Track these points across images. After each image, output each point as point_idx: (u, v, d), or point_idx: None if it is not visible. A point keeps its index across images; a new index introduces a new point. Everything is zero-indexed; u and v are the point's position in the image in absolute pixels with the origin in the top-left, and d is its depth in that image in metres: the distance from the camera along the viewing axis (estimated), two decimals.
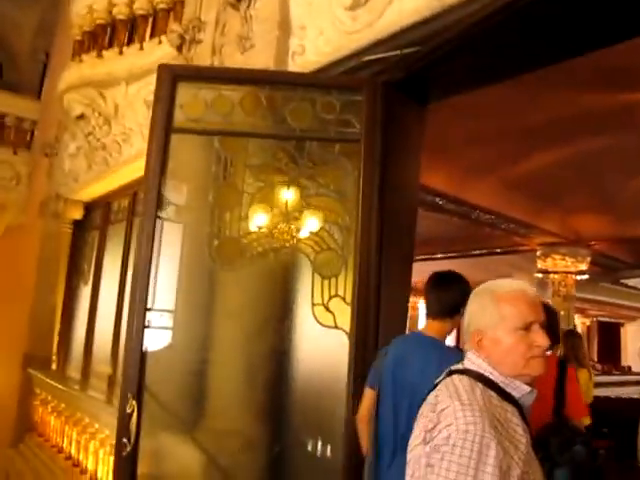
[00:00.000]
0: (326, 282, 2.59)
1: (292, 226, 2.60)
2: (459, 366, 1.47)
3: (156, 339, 2.63)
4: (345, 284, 2.58)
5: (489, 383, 1.38)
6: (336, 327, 2.56)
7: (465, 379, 1.38)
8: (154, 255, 2.54)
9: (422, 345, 2.31)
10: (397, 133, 2.80)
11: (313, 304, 2.58)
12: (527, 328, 1.41)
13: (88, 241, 6.17)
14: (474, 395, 1.32)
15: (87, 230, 6.25)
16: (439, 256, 10.00)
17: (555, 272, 8.37)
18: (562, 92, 4.32)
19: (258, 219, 2.59)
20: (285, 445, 2.82)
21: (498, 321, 1.42)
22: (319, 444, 2.81)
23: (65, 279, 6.30)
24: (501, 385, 1.39)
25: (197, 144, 2.76)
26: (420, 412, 1.41)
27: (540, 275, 8.73)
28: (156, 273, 2.50)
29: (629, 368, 18.21)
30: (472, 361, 1.44)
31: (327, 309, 2.57)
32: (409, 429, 1.48)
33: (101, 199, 5.91)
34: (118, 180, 5.15)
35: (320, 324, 2.56)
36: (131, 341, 2.45)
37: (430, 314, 2.39)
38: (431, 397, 1.40)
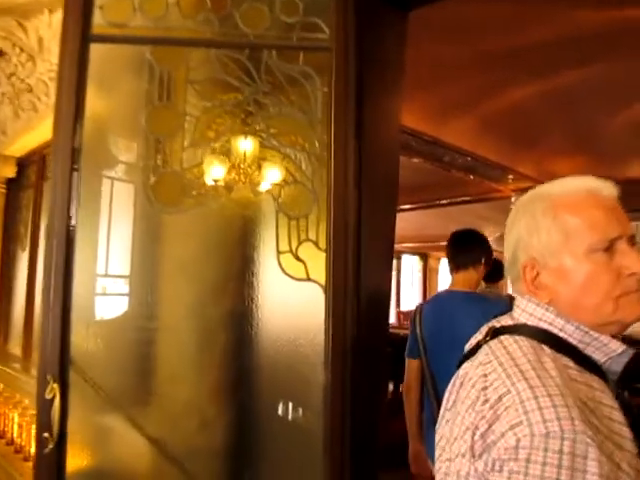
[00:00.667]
0: (294, 224, 2.08)
1: (248, 155, 2.07)
2: (506, 320, 0.94)
3: (85, 305, 2.11)
4: (317, 226, 2.08)
5: (560, 344, 0.86)
6: (308, 279, 2.07)
7: (523, 341, 0.86)
8: (72, 200, 2.00)
9: (460, 300, 2.36)
10: (375, 43, 2.28)
11: (279, 252, 2.08)
12: (609, 248, 0.90)
13: (23, 201, 5.50)
14: (544, 368, 0.80)
15: (22, 189, 5.58)
16: (406, 207, 9.55)
17: None
18: (548, 8, 3.84)
19: (205, 148, 2.05)
20: (253, 420, 2.35)
21: (561, 242, 0.91)
22: (293, 416, 2.35)
23: (1, 245, 5.64)
24: (579, 346, 0.86)
25: (123, 56, 2.18)
26: (452, 396, 0.92)
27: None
28: (69, 221, 1.95)
29: None
30: (528, 311, 0.92)
31: (296, 257, 2.08)
32: None
33: (34, 152, 5.23)
34: (50, 128, 4.49)
35: (288, 276, 2.07)
36: (47, 310, 1.92)
37: (454, 267, 2.54)
38: (472, 373, 0.88)
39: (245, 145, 2.07)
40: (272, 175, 2.08)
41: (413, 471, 2.62)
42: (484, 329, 0.97)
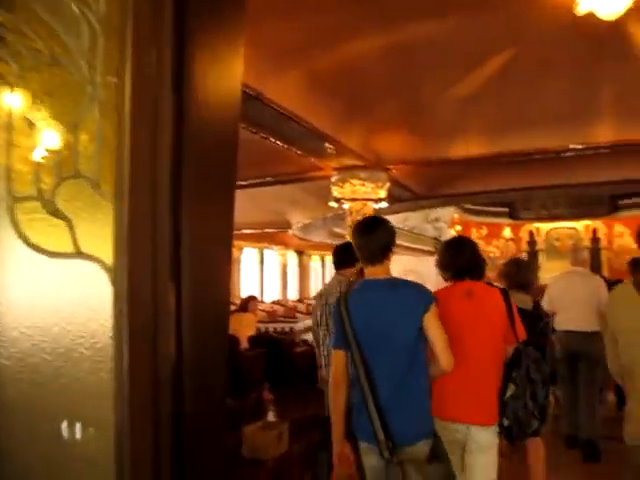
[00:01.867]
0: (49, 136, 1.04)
1: None
2: None
3: None
4: (98, 149, 1.06)
5: None
6: (78, 253, 1.04)
7: None
8: None
9: (391, 288, 2.38)
10: None
11: (13, 198, 1.03)
12: None
13: None
14: None
15: None
16: None
17: (353, 199, 7.47)
18: None
19: None
20: None
21: None
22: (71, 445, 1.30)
23: None
24: None
25: None
26: None
27: (335, 204, 7.77)
28: None
29: None
30: None
31: (52, 210, 1.04)
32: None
33: None
34: None
35: (34, 248, 1.03)
36: None
37: (370, 260, 2.43)
38: None
39: None
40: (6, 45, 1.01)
41: (337, 474, 2.39)
42: None
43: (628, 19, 3.74)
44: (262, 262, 23.94)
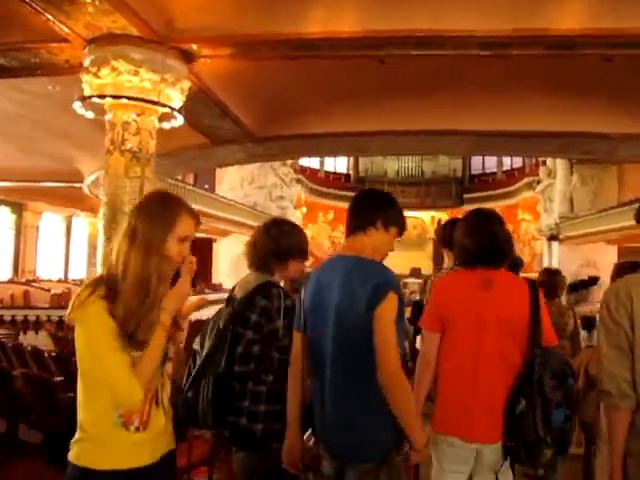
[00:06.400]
0: None
1: None
2: None
3: None
4: None
5: None
6: None
7: None
8: None
9: (342, 267, 2.16)
10: None
11: None
12: None
13: None
14: None
15: None
16: None
17: (117, 97, 4.09)
18: None
19: None
20: None
21: None
22: None
23: None
24: None
25: None
26: None
27: (83, 111, 4.18)
28: None
29: (220, 285, 17.40)
30: None
31: None
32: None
33: None
34: None
35: None
36: None
37: (347, 231, 2.31)
38: None
39: None
40: None
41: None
42: None
43: None
44: (69, 232, 20.15)
